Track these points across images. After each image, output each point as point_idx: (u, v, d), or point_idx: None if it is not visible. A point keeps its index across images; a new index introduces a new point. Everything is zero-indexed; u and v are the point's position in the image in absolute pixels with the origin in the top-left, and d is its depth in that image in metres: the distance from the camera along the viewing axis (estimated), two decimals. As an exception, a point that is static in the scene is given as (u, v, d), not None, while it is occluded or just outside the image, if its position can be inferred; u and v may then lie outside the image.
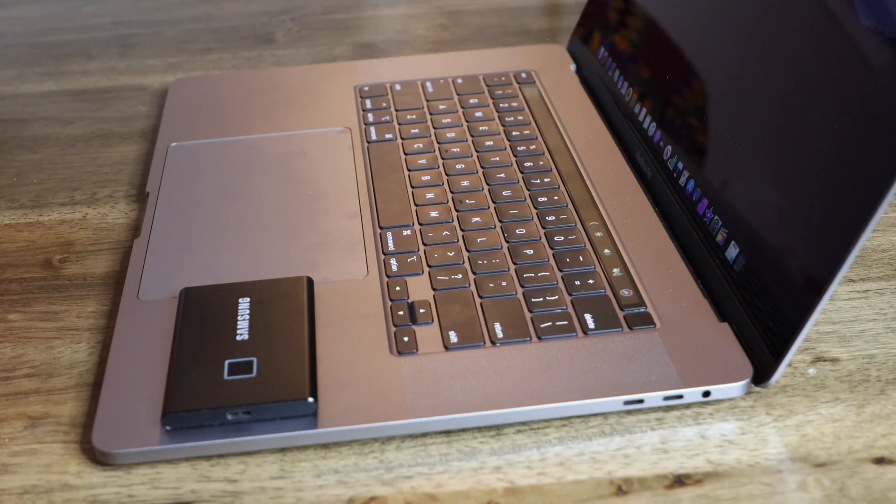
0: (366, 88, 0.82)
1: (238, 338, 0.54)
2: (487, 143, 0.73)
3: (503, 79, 0.82)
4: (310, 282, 0.58)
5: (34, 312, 0.61)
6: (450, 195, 0.67)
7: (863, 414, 0.51)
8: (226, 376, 0.52)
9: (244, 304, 0.56)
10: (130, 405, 0.52)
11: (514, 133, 0.75)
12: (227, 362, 0.52)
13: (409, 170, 0.71)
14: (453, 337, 0.55)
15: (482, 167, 0.70)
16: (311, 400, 0.50)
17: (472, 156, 0.72)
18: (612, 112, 0.76)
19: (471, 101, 0.79)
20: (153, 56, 0.96)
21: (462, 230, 0.64)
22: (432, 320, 0.56)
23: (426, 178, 0.70)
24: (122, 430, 0.50)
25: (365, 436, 0.50)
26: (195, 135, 0.77)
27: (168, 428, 0.50)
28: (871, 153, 0.49)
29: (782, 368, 0.51)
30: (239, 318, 0.55)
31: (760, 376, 0.52)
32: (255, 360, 0.53)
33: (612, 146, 0.73)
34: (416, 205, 0.67)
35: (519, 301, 0.57)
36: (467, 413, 0.50)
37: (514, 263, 0.60)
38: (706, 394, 0.51)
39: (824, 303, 0.49)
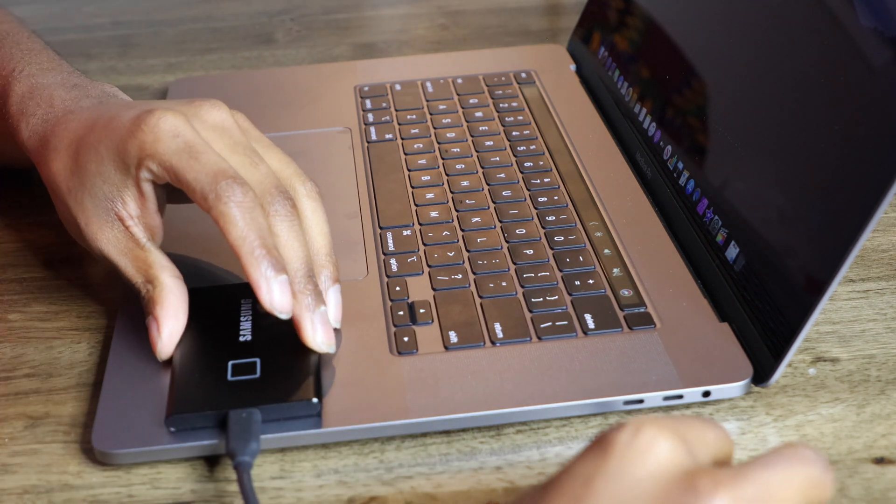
0: (366, 88, 0.82)
1: (241, 339, 0.54)
2: (487, 143, 0.73)
3: (503, 79, 0.82)
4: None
5: (34, 312, 0.61)
6: (450, 195, 0.67)
7: (863, 414, 0.52)
8: (229, 377, 0.52)
9: (246, 305, 0.56)
10: (130, 405, 0.52)
11: (514, 133, 0.75)
12: (230, 363, 0.52)
13: (409, 170, 0.71)
14: (453, 337, 0.55)
15: (482, 167, 0.70)
16: (315, 401, 0.50)
17: (472, 156, 0.72)
18: (612, 112, 0.76)
19: (471, 101, 0.79)
20: (153, 56, 0.96)
21: (462, 230, 0.64)
22: (432, 320, 0.56)
23: (426, 178, 0.70)
24: (122, 430, 0.50)
25: (365, 436, 0.50)
26: (195, 135, 0.77)
27: (172, 430, 0.50)
28: (871, 153, 0.49)
29: (782, 368, 0.51)
30: (241, 318, 0.55)
31: (760, 376, 0.52)
32: (258, 361, 0.52)
33: (612, 146, 0.73)
34: (416, 205, 0.67)
35: (519, 301, 0.57)
36: (467, 413, 0.50)
37: (514, 263, 0.60)
38: (706, 394, 0.51)
39: (824, 303, 0.49)
